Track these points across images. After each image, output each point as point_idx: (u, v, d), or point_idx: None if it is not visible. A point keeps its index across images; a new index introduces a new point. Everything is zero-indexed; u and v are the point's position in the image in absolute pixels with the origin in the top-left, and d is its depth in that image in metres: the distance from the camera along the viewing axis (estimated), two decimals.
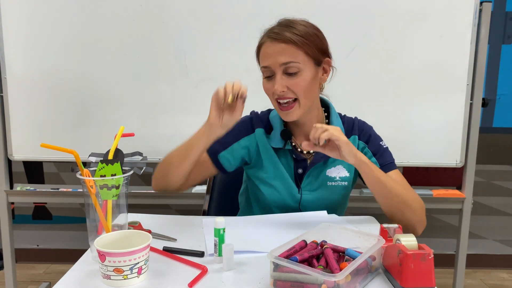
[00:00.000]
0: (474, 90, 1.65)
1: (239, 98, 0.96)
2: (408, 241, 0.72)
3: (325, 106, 1.18)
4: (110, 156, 0.84)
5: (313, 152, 1.14)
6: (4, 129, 1.70)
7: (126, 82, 1.67)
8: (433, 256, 0.69)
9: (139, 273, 0.73)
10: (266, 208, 1.16)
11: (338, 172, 1.14)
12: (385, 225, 0.84)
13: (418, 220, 1.09)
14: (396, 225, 0.84)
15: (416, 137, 1.68)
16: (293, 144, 1.15)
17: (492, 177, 2.35)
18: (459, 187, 1.78)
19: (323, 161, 1.13)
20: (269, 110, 1.20)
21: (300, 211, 1.13)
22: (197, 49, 1.64)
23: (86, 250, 0.87)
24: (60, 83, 1.67)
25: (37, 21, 1.63)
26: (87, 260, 0.83)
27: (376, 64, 1.64)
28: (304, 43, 1.02)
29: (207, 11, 1.62)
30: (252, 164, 1.17)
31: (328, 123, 1.16)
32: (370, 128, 1.20)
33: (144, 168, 0.94)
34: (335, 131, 0.94)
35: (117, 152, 0.85)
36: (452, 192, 1.77)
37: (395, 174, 1.11)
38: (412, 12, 1.61)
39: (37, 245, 2.45)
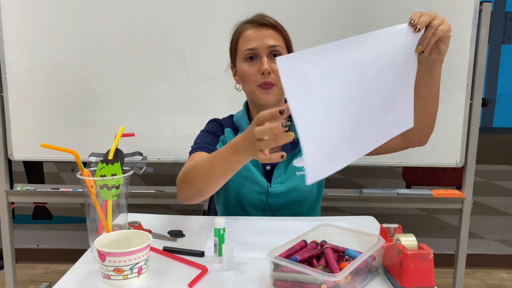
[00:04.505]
0: (474, 90, 1.65)
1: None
2: (408, 241, 0.72)
3: None
4: (110, 156, 0.84)
5: (278, 148, 1.13)
6: (4, 129, 1.70)
7: (126, 82, 1.67)
8: (433, 256, 0.69)
9: (139, 273, 0.73)
10: (239, 204, 1.16)
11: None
12: (385, 225, 0.84)
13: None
14: (396, 225, 0.84)
15: None
16: None
17: (492, 177, 2.35)
18: (459, 187, 1.78)
19: (291, 152, 1.14)
20: (231, 116, 1.22)
21: (268, 205, 1.13)
22: (197, 49, 1.64)
23: (86, 250, 0.87)
24: (60, 83, 1.67)
25: (37, 21, 1.63)
26: (87, 260, 0.83)
27: None
28: (284, 31, 1.08)
29: (207, 11, 1.62)
30: None
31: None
32: None
33: (144, 168, 0.93)
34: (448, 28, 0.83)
35: (117, 152, 0.85)
36: (452, 192, 1.77)
37: None
38: (412, 12, 1.61)
39: (37, 245, 2.45)
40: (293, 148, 1.14)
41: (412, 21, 0.81)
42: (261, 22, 1.06)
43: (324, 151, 0.70)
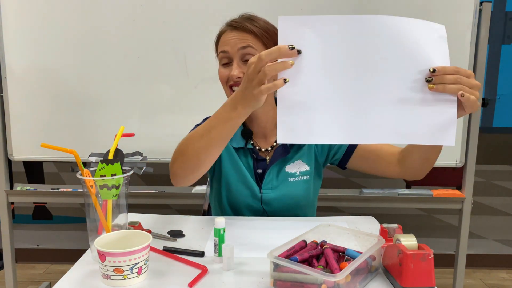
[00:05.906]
0: None
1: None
2: (408, 241, 0.72)
3: None
4: (110, 156, 0.84)
5: (271, 150, 1.14)
6: (4, 129, 1.70)
7: (126, 82, 1.67)
8: (433, 256, 0.69)
9: (139, 273, 0.73)
10: (234, 207, 1.15)
11: (298, 167, 1.13)
12: (385, 225, 0.84)
13: None
14: (396, 225, 0.84)
15: None
16: (252, 143, 1.14)
17: (492, 177, 2.35)
18: (459, 187, 1.78)
19: (282, 158, 1.11)
20: None
21: (263, 209, 1.12)
22: (197, 49, 1.64)
23: (86, 250, 0.87)
24: (60, 83, 1.67)
25: (37, 21, 1.63)
26: (87, 260, 0.83)
27: None
28: (263, 35, 1.02)
29: (206, 11, 1.62)
30: (215, 164, 1.16)
31: None
32: None
33: (144, 168, 0.93)
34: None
35: (117, 152, 0.85)
36: (452, 192, 1.77)
37: None
38: (412, 12, 1.61)
39: (37, 245, 2.45)
40: (285, 153, 1.11)
41: (430, 78, 0.75)
42: (233, 25, 1.04)
43: (302, 117, 0.72)
